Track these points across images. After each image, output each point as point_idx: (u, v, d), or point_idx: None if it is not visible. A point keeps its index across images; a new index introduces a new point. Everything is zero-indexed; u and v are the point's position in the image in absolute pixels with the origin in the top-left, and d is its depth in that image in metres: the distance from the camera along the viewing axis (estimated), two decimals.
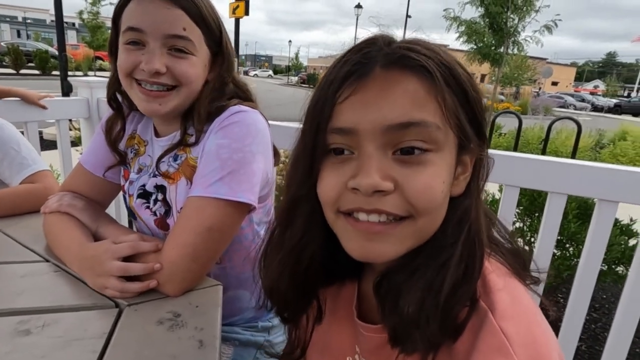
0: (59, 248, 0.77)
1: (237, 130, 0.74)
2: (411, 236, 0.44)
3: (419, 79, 0.42)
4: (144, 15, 0.73)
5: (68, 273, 0.73)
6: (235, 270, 0.89)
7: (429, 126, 0.41)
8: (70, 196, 0.86)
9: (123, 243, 0.69)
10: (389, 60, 0.42)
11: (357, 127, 0.42)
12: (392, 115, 0.41)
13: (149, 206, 0.83)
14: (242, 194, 0.71)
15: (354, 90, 0.42)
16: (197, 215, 0.70)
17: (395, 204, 0.42)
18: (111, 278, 0.65)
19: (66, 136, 1.93)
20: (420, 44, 0.44)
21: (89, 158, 0.91)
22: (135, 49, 0.74)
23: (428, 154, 0.42)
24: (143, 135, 0.90)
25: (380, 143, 0.42)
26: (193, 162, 0.79)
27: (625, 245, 2.01)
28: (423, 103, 0.41)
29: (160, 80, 0.74)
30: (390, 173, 0.42)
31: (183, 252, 0.68)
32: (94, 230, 0.81)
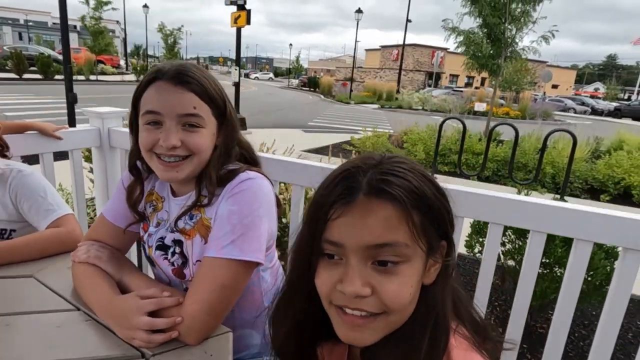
0: (88, 298, 0.87)
1: (246, 197, 0.86)
2: (385, 327, 0.55)
3: (392, 206, 0.52)
4: (161, 99, 0.85)
5: (97, 322, 0.83)
6: (243, 313, 0.99)
7: (399, 245, 0.52)
8: (96, 247, 0.97)
9: (149, 300, 0.79)
10: (369, 190, 0.53)
11: (344, 243, 0.54)
12: (370, 237, 0.52)
13: (167, 257, 0.94)
14: (251, 253, 0.83)
15: (342, 212, 0.53)
16: (212, 274, 0.81)
17: (372, 305, 0.53)
18: (139, 331, 0.76)
19: (79, 165, 2.04)
20: (394, 173, 0.54)
21: (112, 211, 1.02)
22: (154, 128, 0.86)
23: (399, 265, 0.53)
24: (160, 192, 1.01)
25: (362, 257, 0.53)
26: (207, 222, 0.90)
27: (610, 267, 2.11)
28: (395, 227, 0.52)
29: (176, 152, 0.86)
30: (369, 280, 0.53)
31: (200, 307, 0.79)
32: (117, 279, 0.91)
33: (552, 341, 1.32)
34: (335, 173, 0.57)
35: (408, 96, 23.75)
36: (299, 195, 1.50)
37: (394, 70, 35.37)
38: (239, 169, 0.91)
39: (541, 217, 1.27)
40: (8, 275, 1.00)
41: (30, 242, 1.08)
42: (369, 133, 8.13)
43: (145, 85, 0.87)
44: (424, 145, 7.42)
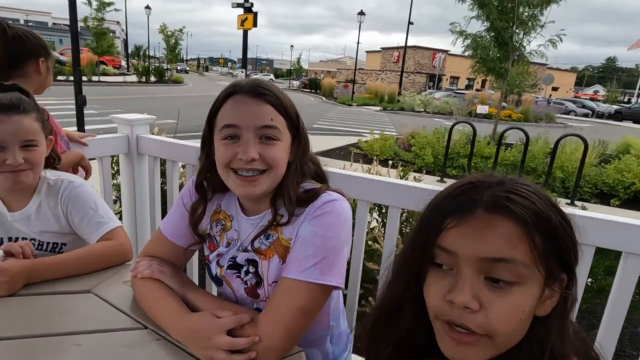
0: (158, 316, 0.86)
1: (330, 219, 0.84)
2: (491, 348, 0.53)
3: (514, 224, 0.51)
4: (238, 112, 0.84)
5: (168, 341, 0.82)
6: (309, 332, 0.97)
7: (517, 264, 0.50)
8: (157, 262, 0.95)
9: (227, 318, 0.78)
10: (491, 205, 0.53)
11: (458, 252, 0.53)
12: (487, 250, 0.51)
13: (240, 276, 0.93)
14: (332, 277, 0.81)
15: (460, 222, 0.53)
16: (292, 296, 0.80)
17: (477, 323, 0.51)
18: (219, 351, 0.74)
19: (108, 173, 2.03)
20: (519, 192, 0.53)
21: (170, 228, 1.00)
22: (231, 143, 0.84)
23: (513, 286, 0.51)
24: (228, 210, 0.98)
25: (475, 268, 0.52)
26: (285, 243, 0.88)
27: None
28: (515, 244, 0.50)
29: (254, 166, 0.84)
30: (479, 295, 0.51)
31: (279, 329, 0.78)
32: (181, 295, 0.90)
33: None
34: (455, 186, 0.57)
35: (410, 98, 23.77)
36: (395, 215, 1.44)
37: (395, 72, 35.42)
38: (319, 188, 0.90)
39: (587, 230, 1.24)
40: (64, 290, 0.99)
41: (83, 256, 1.07)
42: (376, 136, 8.12)
43: (222, 101, 0.86)
44: (432, 149, 7.41)
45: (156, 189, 2.11)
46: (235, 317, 0.78)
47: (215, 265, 0.97)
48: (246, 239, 0.93)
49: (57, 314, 0.91)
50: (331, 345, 1.04)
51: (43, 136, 1.10)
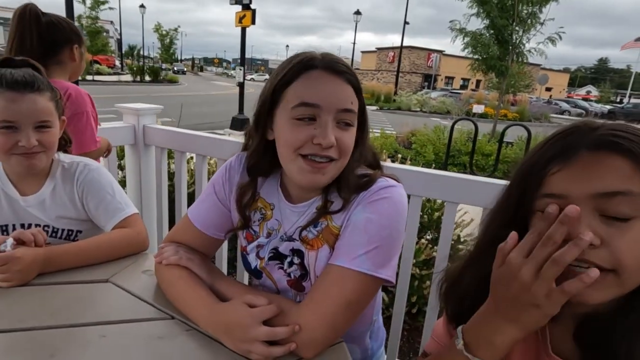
0: (187, 307, 0.79)
1: (386, 206, 0.76)
2: (616, 287, 0.50)
3: (623, 158, 0.50)
4: (320, 91, 0.74)
5: (200, 332, 0.76)
6: (353, 328, 0.90)
7: (634, 195, 0.48)
8: (184, 249, 0.88)
9: (263, 307, 0.71)
10: (596, 143, 0.51)
11: (569, 194, 0.51)
12: (600, 185, 0.49)
13: (283, 267, 0.85)
14: (383, 270, 0.74)
15: (564, 166, 0.52)
16: (340, 286, 0.72)
17: (601, 257, 0.49)
18: (256, 343, 0.68)
19: (114, 163, 1.95)
20: (624, 130, 0.52)
21: (199, 217, 0.91)
22: (307, 124, 0.74)
23: (633, 220, 0.49)
24: (268, 198, 0.89)
25: (589, 207, 0.50)
26: (336, 230, 0.80)
27: None
28: (629, 176, 0.49)
29: (329, 153, 0.75)
30: (598, 231, 0.49)
31: (323, 321, 0.70)
32: (209, 284, 0.83)
33: None
34: (551, 135, 0.55)
35: (406, 98, 23.81)
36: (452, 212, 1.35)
37: (391, 72, 35.48)
38: (374, 174, 0.82)
39: None
40: (82, 280, 0.92)
41: (101, 244, 1.00)
42: (377, 134, 8.08)
43: (297, 73, 0.75)
44: (433, 146, 7.39)
45: (163, 181, 2.04)
46: (272, 306, 0.71)
47: (254, 257, 0.89)
48: (291, 228, 0.84)
49: (77, 304, 0.84)
50: (370, 341, 0.98)
51: (57, 117, 1.03)
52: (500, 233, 0.56)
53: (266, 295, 0.77)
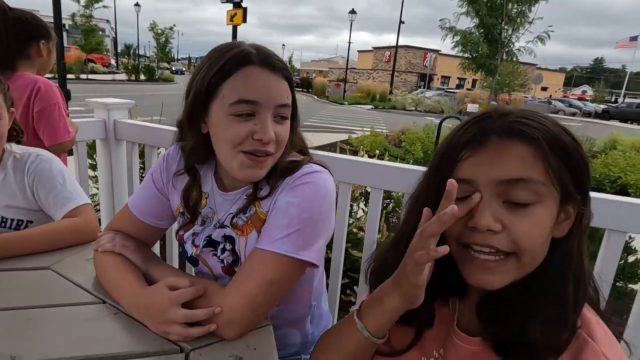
0: (116, 291, 0.81)
1: (308, 191, 0.78)
2: (514, 270, 0.55)
3: (527, 146, 0.52)
4: (259, 88, 0.75)
5: (127, 315, 0.77)
6: (289, 312, 0.93)
7: (534, 183, 0.52)
8: (121, 236, 0.90)
9: (183, 289, 0.72)
10: (504, 131, 0.54)
11: (476, 179, 0.54)
12: (504, 172, 0.53)
13: (216, 254, 0.86)
14: (305, 252, 0.75)
15: (474, 152, 0.55)
16: (261, 268, 0.74)
17: (502, 242, 0.53)
18: (174, 324, 0.69)
19: (84, 158, 1.96)
20: (530, 118, 0.55)
21: (138, 206, 0.93)
22: (246, 120, 0.75)
23: (532, 206, 0.52)
24: (203, 187, 0.91)
25: (494, 192, 0.53)
26: (263, 216, 0.82)
27: (624, 262, 2.10)
28: (531, 164, 0.52)
29: (268, 148, 0.77)
30: (500, 217, 0.53)
31: (244, 301, 0.72)
32: (143, 271, 0.84)
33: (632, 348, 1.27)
34: (465, 121, 0.58)
35: (401, 97, 23.86)
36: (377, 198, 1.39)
37: (387, 71, 35.51)
38: (302, 160, 0.84)
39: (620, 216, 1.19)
40: (23, 267, 0.93)
41: (46, 232, 1.02)
42: (367, 132, 8.10)
43: (232, 69, 0.75)
44: (422, 144, 7.42)
45: (134, 176, 2.05)
46: (192, 288, 0.72)
47: (190, 245, 0.91)
48: (224, 216, 0.86)
49: (11, 289, 0.85)
50: (311, 326, 1.00)
51: (5, 108, 1.04)
52: (420, 218, 0.59)
53: (192, 278, 0.78)
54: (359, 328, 0.65)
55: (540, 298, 0.54)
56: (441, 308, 0.68)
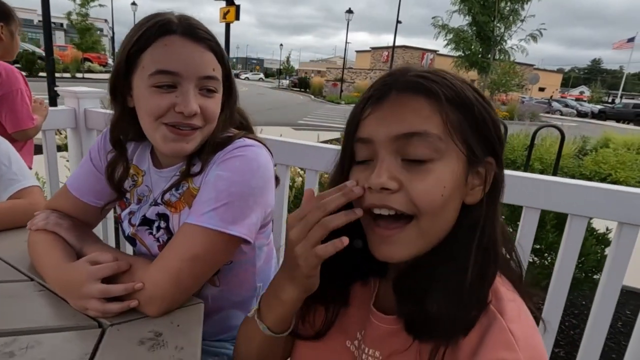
0: (41, 267, 0.78)
1: (238, 164, 0.75)
2: (418, 238, 0.51)
3: (425, 99, 0.50)
4: (179, 58, 0.73)
5: (52, 292, 0.75)
6: (232, 293, 0.91)
7: (430, 136, 0.49)
8: (57, 215, 0.87)
9: (103, 264, 0.70)
10: (403, 86, 0.51)
11: (373, 137, 0.51)
12: (399, 127, 0.50)
13: (152, 232, 0.84)
14: (234, 227, 0.72)
15: (373, 109, 0.52)
16: (186, 242, 0.72)
17: (400, 202, 0.49)
18: (91, 300, 0.67)
19: (52, 147, 1.93)
20: (432, 73, 0.52)
21: (76, 184, 0.91)
22: (167, 92, 0.73)
23: (431, 162, 0.49)
24: (140, 165, 0.90)
25: (391, 150, 0.50)
26: (195, 192, 0.80)
27: (601, 254, 2.09)
28: (426, 117, 0.49)
29: (193, 121, 0.75)
30: (397, 175, 0.50)
31: (167, 276, 0.70)
32: (79, 250, 0.82)
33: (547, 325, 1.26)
34: (375, 81, 0.55)
35: None
36: (313, 181, 1.41)
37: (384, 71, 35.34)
38: (235, 135, 0.82)
39: (535, 193, 1.22)
40: None
41: None
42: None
43: (151, 38, 0.72)
44: None
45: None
46: (113, 263, 0.70)
47: (127, 224, 0.90)
48: (159, 194, 0.85)
49: None
50: None
51: None
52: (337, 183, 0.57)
53: (119, 254, 0.76)
54: (261, 328, 0.62)
55: (444, 269, 0.51)
56: (362, 288, 0.66)
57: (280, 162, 1.43)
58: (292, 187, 2.42)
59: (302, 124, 12.15)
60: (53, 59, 6.06)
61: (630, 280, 1.52)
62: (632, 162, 6.04)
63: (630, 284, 2.73)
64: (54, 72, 6.06)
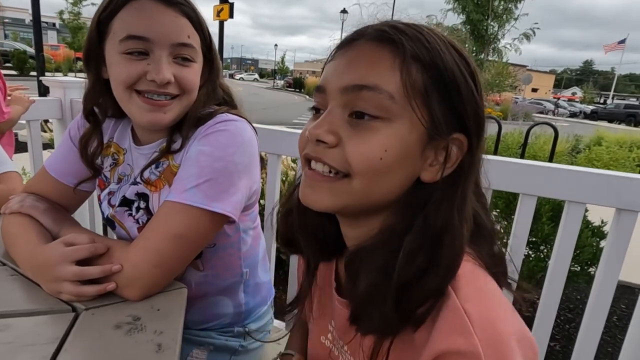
0: (14, 250, 0.74)
1: (221, 139, 0.72)
2: (346, 194, 0.46)
3: (390, 51, 0.44)
4: (150, 23, 0.69)
5: (25, 277, 0.70)
6: (218, 278, 0.87)
7: (381, 92, 0.43)
8: (33, 197, 0.83)
9: (78, 246, 0.66)
10: (372, 35, 0.46)
11: (326, 86, 0.47)
12: (350, 77, 0.45)
13: (132, 213, 0.80)
14: (217, 204, 0.69)
15: (335, 56, 0.48)
16: (167, 221, 0.68)
17: (334, 158, 0.45)
18: (65, 283, 0.63)
19: (37, 137, 1.88)
20: (409, 25, 0.45)
21: (55, 165, 0.87)
22: (138, 59, 0.70)
23: (377, 121, 0.44)
24: (121, 143, 0.86)
25: (339, 102, 0.46)
26: (176, 169, 0.76)
27: (596, 247, 2.07)
28: (383, 71, 0.43)
29: (167, 90, 0.72)
30: (338, 130, 0.45)
31: (147, 257, 0.66)
32: (55, 233, 0.77)
33: (540, 321, 1.24)
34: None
35: None
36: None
37: None
38: (217, 109, 0.78)
39: (532, 180, 1.19)
40: None
41: None
42: None
43: (121, 2, 0.69)
44: None
45: None
46: (89, 245, 0.66)
47: (106, 205, 0.85)
48: (139, 172, 0.80)
49: None
50: (245, 296, 0.93)
51: None
52: None
53: (97, 237, 0.72)
54: None
55: (380, 251, 0.45)
56: (326, 272, 0.62)
57: (271, 151, 1.40)
58: (285, 181, 2.38)
59: (297, 123, 12.12)
60: (43, 56, 5.96)
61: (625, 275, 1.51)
62: (624, 159, 6.09)
63: (625, 279, 2.73)
64: (43, 69, 5.96)
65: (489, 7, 7.80)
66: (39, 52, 5.86)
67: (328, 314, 0.60)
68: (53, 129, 2.01)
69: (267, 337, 1.02)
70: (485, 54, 8.57)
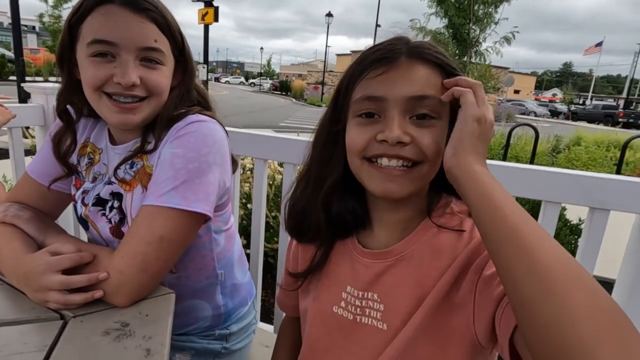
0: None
1: (192, 140, 0.74)
2: (420, 179, 0.60)
3: (430, 67, 0.59)
4: (116, 28, 0.71)
5: (10, 286, 0.71)
6: (191, 280, 0.88)
7: (435, 100, 0.58)
8: (16, 207, 0.83)
9: (63, 255, 0.67)
10: (412, 53, 0.59)
11: (387, 96, 0.58)
12: (413, 89, 0.57)
13: (105, 213, 0.81)
14: (196, 204, 0.71)
15: (386, 70, 0.58)
16: (149, 225, 0.69)
17: (411, 152, 0.58)
18: (51, 292, 0.63)
19: (19, 144, 1.85)
20: (427, 45, 0.61)
21: (37, 167, 0.88)
22: (105, 62, 0.72)
23: (434, 120, 0.58)
24: (97, 143, 0.88)
25: (402, 109, 0.58)
26: (150, 170, 0.78)
27: (574, 245, 2.14)
28: (433, 84, 0.58)
29: (134, 92, 0.74)
30: (408, 130, 0.58)
31: (132, 262, 0.67)
32: (40, 242, 0.78)
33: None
34: (372, 46, 0.62)
35: None
36: (292, 174, 1.36)
37: None
38: (189, 110, 0.80)
39: (510, 181, 1.24)
40: None
41: None
42: None
43: (90, 7, 0.72)
44: None
45: None
46: (75, 254, 0.67)
47: (80, 204, 0.86)
48: (112, 170, 0.82)
49: None
50: (223, 297, 0.94)
51: None
52: (326, 149, 0.66)
53: (83, 245, 0.72)
54: None
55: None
56: (343, 247, 0.71)
57: (258, 156, 1.41)
58: (272, 185, 2.39)
59: (283, 126, 12.12)
60: (23, 60, 5.83)
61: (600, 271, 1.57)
62: (602, 158, 6.28)
63: (601, 274, 2.81)
64: (24, 74, 5.84)
65: (470, 11, 7.97)
66: (19, 57, 5.74)
67: (341, 282, 0.68)
68: (35, 135, 1.98)
69: (251, 338, 1.03)
70: (468, 57, 8.72)
